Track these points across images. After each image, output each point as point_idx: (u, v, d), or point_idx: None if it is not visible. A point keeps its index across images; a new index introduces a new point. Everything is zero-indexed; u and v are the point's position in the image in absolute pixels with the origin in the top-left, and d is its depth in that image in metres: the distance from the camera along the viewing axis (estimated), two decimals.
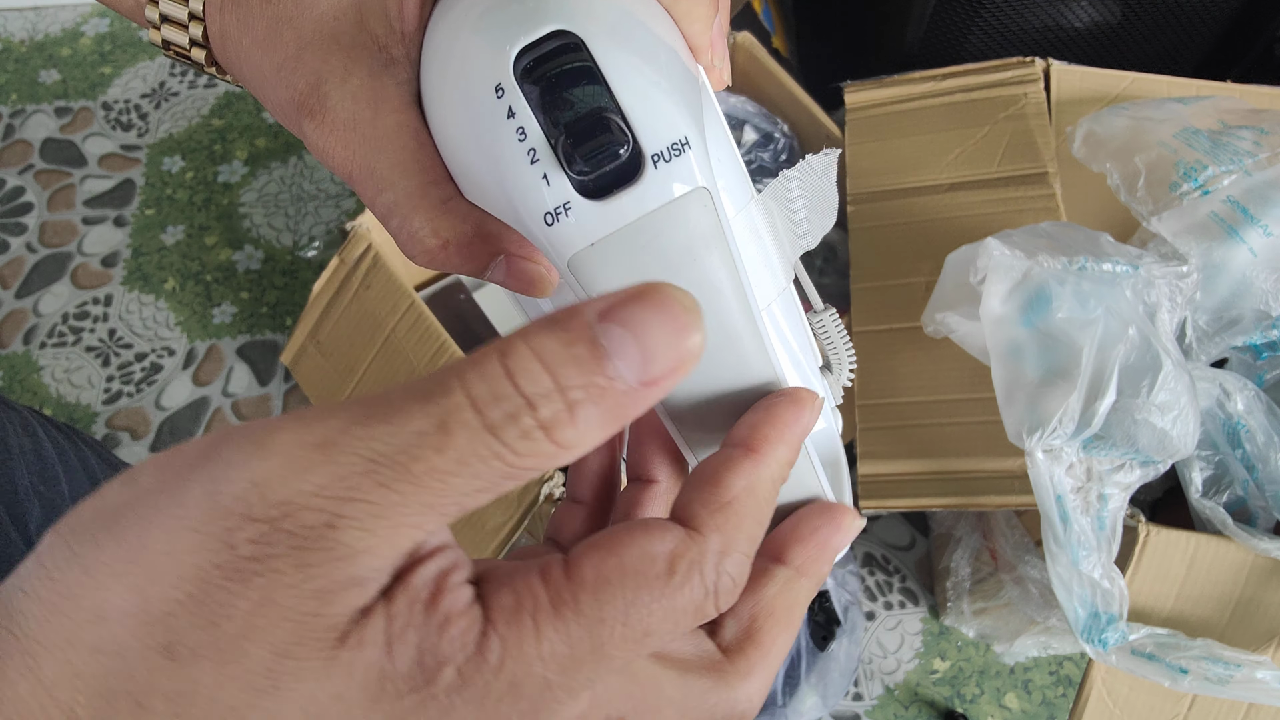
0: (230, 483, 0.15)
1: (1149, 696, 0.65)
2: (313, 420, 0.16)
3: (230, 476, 0.15)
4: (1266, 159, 0.66)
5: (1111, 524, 0.61)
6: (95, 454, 0.52)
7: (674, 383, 0.16)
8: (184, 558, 0.15)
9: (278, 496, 0.15)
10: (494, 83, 0.20)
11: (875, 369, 0.77)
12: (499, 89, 0.20)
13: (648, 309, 0.16)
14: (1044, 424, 0.59)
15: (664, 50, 0.21)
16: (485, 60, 0.20)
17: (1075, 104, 0.81)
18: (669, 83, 0.20)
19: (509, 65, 0.20)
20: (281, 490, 0.15)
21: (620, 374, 0.16)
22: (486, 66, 0.20)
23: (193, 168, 1.36)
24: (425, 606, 0.16)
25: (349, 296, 0.90)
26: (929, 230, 0.79)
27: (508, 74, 0.20)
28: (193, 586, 0.15)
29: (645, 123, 0.20)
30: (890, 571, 1.09)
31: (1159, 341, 0.58)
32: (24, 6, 1.49)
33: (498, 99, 0.20)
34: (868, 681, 1.03)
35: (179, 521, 0.15)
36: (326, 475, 0.15)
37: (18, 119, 1.39)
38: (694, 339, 0.16)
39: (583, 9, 0.20)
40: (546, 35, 0.20)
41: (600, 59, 0.19)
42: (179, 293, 1.26)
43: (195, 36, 0.25)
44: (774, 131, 0.98)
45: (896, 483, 0.74)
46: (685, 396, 0.23)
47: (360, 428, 0.15)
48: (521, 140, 0.20)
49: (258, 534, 0.15)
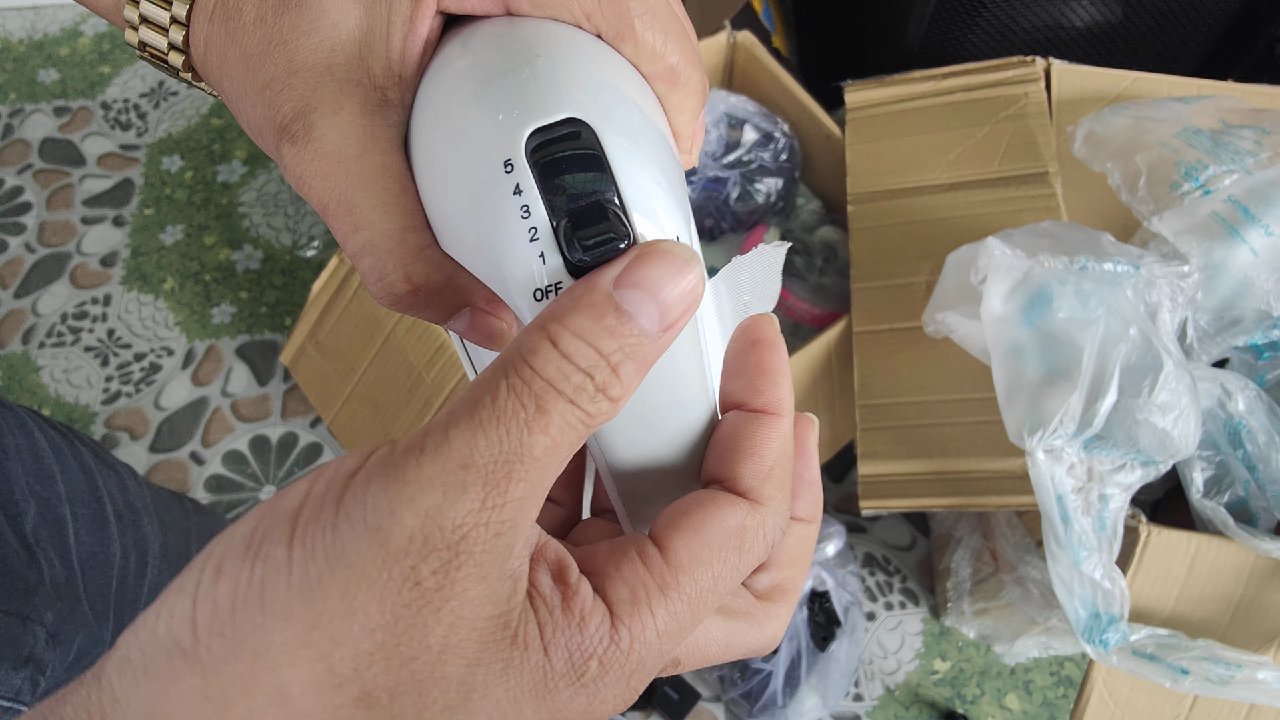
0: (396, 524, 0.17)
1: (1150, 697, 0.65)
2: (435, 445, 0.17)
3: (393, 519, 0.17)
4: (1268, 158, 0.66)
5: (1112, 524, 0.61)
6: (93, 454, 0.51)
7: (687, 321, 0.19)
8: (367, 611, 0.16)
9: (452, 522, 0.17)
10: (503, 157, 0.20)
11: (875, 369, 0.77)
12: (508, 164, 0.20)
13: (653, 265, 0.19)
14: (1045, 424, 0.59)
15: (665, 147, 0.22)
16: (495, 133, 0.20)
17: (1076, 104, 0.81)
18: (668, 182, 0.21)
19: (521, 143, 0.20)
20: (453, 515, 0.17)
21: (645, 330, 0.19)
22: (496, 140, 0.20)
23: (192, 167, 1.36)
24: (563, 608, 0.19)
25: (348, 296, 0.89)
26: (929, 230, 0.79)
27: (519, 152, 0.20)
28: (382, 634, 0.16)
29: (645, 220, 0.21)
30: (891, 572, 1.09)
31: (1160, 341, 0.58)
32: (23, 6, 1.49)
33: (506, 173, 0.20)
34: (868, 682, 1.03)
35: (349, 581, 0.16)
36: (481, 489, 0.17)
37: (16, 118, 1.39)
38: (693, 276, 0.19)
39: (596, 98, 0.21)
40: (560, 120, 0.20)
41: (610, 152, 0.20)
42: (178, 292, 1.26)
43: (175, 41, 0.24)
44: (774, 131, 0.98)
45: (897, 483, 0.74)
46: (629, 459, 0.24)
47: (481, 437, 0.17)
48: (525, 218, 0.20)
49: (441, 562, 0.17)
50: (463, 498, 0.17)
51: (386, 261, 0.22)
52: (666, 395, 0.23)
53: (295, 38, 0.22)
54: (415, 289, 0.22)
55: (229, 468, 1.13)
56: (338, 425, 0.97)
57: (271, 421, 1.16)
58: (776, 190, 0.99)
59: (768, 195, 0.98)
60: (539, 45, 0.21)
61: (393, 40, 0.22)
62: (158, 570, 0.55)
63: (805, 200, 1.08)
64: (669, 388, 0.23)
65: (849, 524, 1.09)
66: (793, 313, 0.97)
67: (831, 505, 1.12)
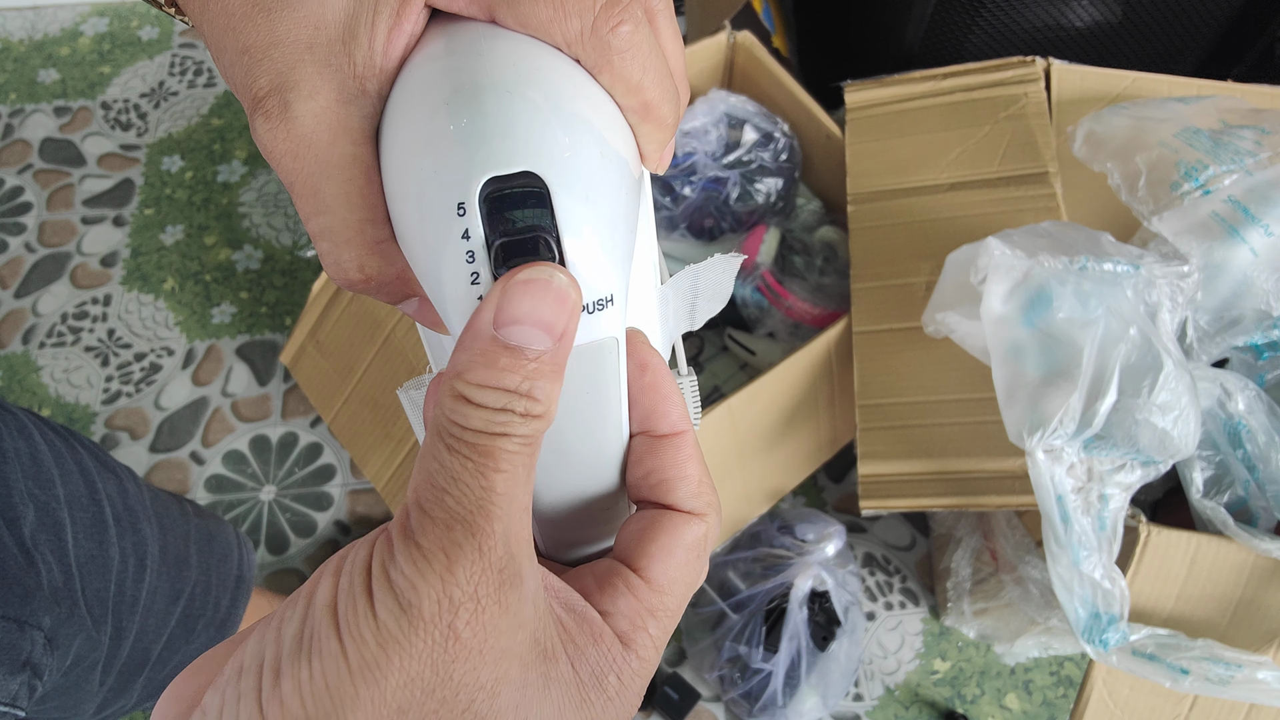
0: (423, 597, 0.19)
1: (1150, 697, 0.65)
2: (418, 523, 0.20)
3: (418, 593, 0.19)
4: (1267, 158, 0.66)
5: (1112, 524, 0.61)
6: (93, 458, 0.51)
7: (577, 317, 0.21)
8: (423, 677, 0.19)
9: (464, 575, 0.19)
10: (457, 200, 0.21)
11: (875, 369, 0.77)
12: (461, 207, 0.21)
13: (521, 298, 0.20)
14: (1045, 424, 0.59)
15: (620, 200, 0.23)
16: (453, 173, 0.21)
17: (1076, 103, 0.81)
18: (613, 241, 0.22)
19: (476, 189, 0.21)
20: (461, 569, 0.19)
21: (538, 351, 0.20)
22: (453, 180, 0.21)
23: (192, 167, 1.36)
24: (579, 630, 0.22)
25: (348, 296, 0.89)
26: (929, 230, 0.79)
27: (472, 197, 0.21)
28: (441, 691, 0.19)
29: (582, 277, 0.22)
30: (891, 572, 1.08)
31: (1160, 341, 0.58)
32: (23, 6, 1.49)
33: (459, 215, 0.21)
34: (868, 682, 1.03)
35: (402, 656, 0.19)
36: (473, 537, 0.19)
37: (17, 118, 1.39)
38: (570, 294, 0.20)
39: (554, 154, 0.21)
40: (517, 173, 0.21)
41: (558, 210, 0.21)
42: (178, 292, 1.26)
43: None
44: (774, 131, 0.98)
45: (897, 483, 0.74)
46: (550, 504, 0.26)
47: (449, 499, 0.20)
48: (469, 262, 0.21)
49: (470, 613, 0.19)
50: (462, 551, 0.19)
51: (344, 250, 0.23)
52: (592, 420, 0.25)
53: (280, 7, 0.22)
54: (368, 279, 0.23)
55: (229, 468, 1.13)
56: (338, 425, 0.97)
57: (271, 421, 1.16)
58: (776, 190, 0.98)
59: (768, 195, 0.98)
60: (514, 72, 0.22)
61: (377, 31, 0.22)
62: (156, 574, 0.55)
63: (805, 200, 1.08)
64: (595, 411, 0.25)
65: (849, 524, 1.09)
66: (793, 313, 0.97)
67: (832, 505, 1.12)
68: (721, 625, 0.95)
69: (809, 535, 0.94)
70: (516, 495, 0.20)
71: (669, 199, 0.98)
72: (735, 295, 0.97)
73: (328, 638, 0.19)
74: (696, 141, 0.97)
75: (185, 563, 0.60)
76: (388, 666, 0.18)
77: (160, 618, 0.56)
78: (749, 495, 0.94)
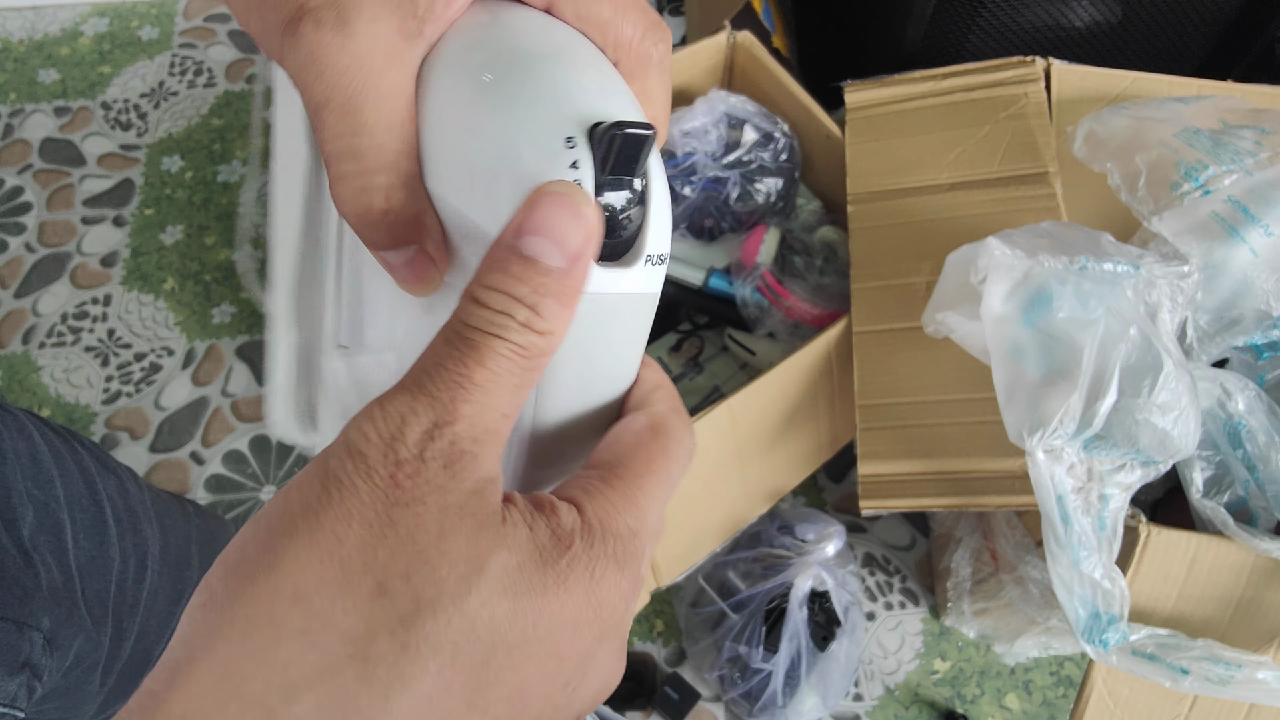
0: (369, 443, 0.19)
1: (1150, 697, 0.65)
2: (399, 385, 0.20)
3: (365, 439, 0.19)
4: (1267, 158, 0.66)
5: (1112, 524, 0.61)
6: (93, 458, 0.51)
7: (593, 247, 0.21)
8: (363, 513, 0.19)
9: (414, 436, 0.19)
10: (566, 134, 0.22)
11: (875, 369, 0.77)
12: (570, 140, 0.22)
13: (545, 208, 0.20)
14: (1045, 424, 0.59)
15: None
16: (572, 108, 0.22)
17: (1076, 103, 0.81)
18: (669, 203, 0.24)
19: (585, 127, 0.22)
20: (413, 431, 0.19)
21: (549, 266, 0.20)
22: (569, 114, 0.22)
23: (192, 167, 1.36)
24: (534, 505, 0.21)
25: None
26: (929, 230, 0.79)
27: (581, 133, 0.22)
28: (381, 528, 0.19)
29: (655, 231, 0.23)
30: (891, 572, 1.08)
31: (1160, 341, 0.58)
32: (23, 6, 1.49)
33: (567, 147, 0.22)
34: (868, 682, 1.03)
35: (343, 494, 0.19)
36: (433, 411, 0.20)
37: (17, 118, 1.39)
38: (587, 210, 0.21)
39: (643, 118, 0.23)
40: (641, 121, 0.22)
41: (652, 162, 0.23)
42: (178, 292, 1.26)
43: None
44: (774, 131, 0.98)
45: (897, 483, 0.74)
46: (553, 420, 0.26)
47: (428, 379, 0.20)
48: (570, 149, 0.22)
49: (413, 469, 0.19)
50: (418, 419, 0.20)
51: (375, 176, 0.23)
52: (624, 361, 0.26)
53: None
54: (388, 210, 0.23)
55: (229, 467, 1.13)
56: None
57: None
58: (776, 190, 0.98)
59: (768, 195, 0.98)
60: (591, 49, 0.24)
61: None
62: (157, 574, 0.55)
63: (805, 200, 1.08)
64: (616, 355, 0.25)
65: (849, 524, 1.09)
66: (793, 313, 0.97)
67: (832, 505, 1.12)
68: (721, 625, 0.95)
69: (809, 535, 0.94)
70: (496, 396, 0.20)
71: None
72: (735, 295, 0.97)
73: (278, 496, 0.20)
74: (696, 141, 0.97)
75: (186, 563, 0.60)
76: (328, 503, 0.19)
77: (161, 619, 0.56)
78: (749, 495, 0.94)
